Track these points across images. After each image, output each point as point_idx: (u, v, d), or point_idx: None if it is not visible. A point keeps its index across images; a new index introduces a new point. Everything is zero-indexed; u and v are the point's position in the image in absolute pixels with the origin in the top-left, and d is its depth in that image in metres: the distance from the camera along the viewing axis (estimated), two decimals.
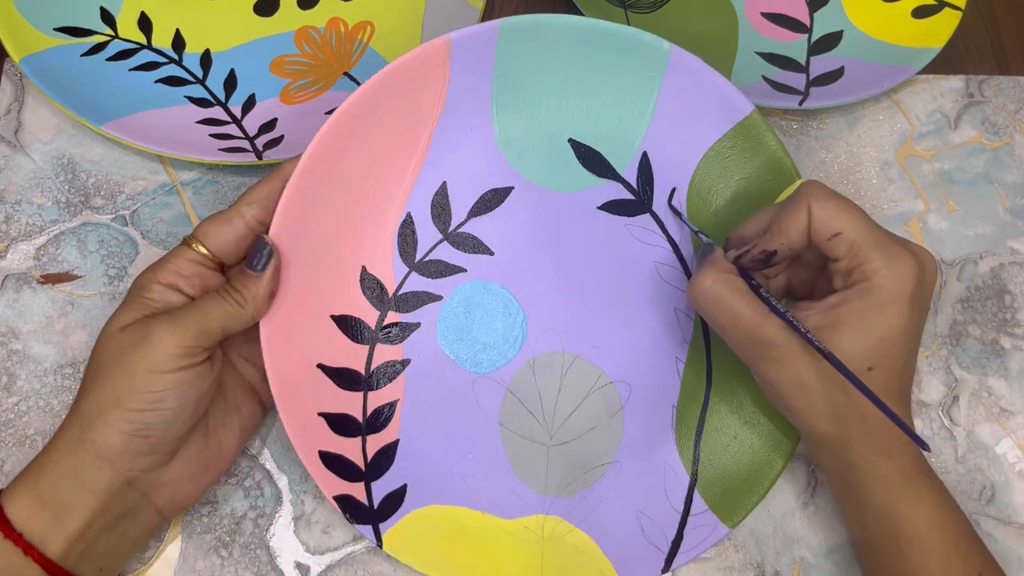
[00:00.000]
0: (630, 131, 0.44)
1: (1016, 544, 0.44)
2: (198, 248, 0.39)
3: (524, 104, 0.44)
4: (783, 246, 0.37)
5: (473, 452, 0.43)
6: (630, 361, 0.44)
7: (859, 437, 0.37)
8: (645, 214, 0.45)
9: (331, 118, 0.40)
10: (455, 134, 0.44)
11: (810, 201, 0.36)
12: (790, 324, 0.36)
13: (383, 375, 0.43)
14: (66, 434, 0.36)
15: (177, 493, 0.39)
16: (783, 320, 0.36)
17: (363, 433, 0.42)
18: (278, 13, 0.54)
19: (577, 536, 0.42)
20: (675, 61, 0.43)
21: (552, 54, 0.43)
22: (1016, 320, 0.48)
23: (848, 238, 0.36)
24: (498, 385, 0.44)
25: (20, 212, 0.48)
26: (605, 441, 0.44)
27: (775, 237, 0.37)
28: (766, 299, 0.37)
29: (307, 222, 0.41)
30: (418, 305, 0.44)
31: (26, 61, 0.48)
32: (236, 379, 0.42)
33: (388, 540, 0.41)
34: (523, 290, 0.45)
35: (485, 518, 0.42)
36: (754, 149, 0.43)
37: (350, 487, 0.41)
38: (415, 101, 0.42)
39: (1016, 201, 0.51)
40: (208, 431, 0.40)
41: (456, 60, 0.42)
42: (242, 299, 0.38)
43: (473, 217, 0.45)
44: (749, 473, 0.42)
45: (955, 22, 0.52)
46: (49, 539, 0.35)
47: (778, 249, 0.37)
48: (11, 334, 0.46)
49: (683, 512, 0.42)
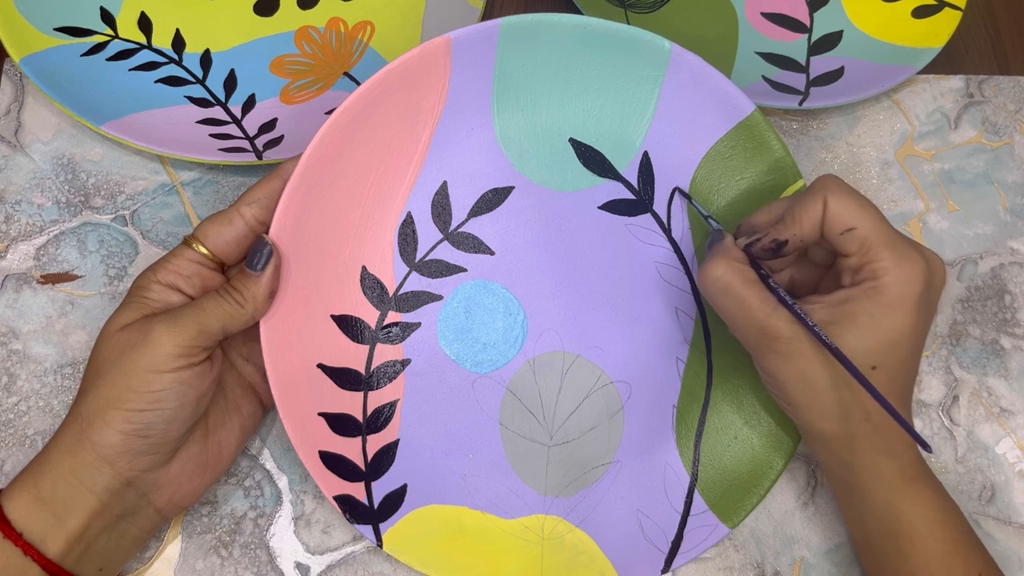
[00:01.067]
0: (631, 130, 0.44)
1: (1016, 544, 0.44)
2: (198, 248, 0.39)
3: (525, 104, 0.44)
4: (795, 236, 0.37)
5: (473, 452, 0.43)
6: (630, 361, 0.44)
7: (861, 436, 0.37)
8: (646, 214, 0.45)
9: (331, 117, 0.40)
10: (456, 133, 0.44)
11: (826, 194, 0.36)
12: (798, 316, 0.36)
13: (383, 375, 0.43)
14: (66, 434, 0.36)
15: (177, 493, 0.39)
16: (791, 312, 0.36)
17: (363, 433, 0.42)
18: (278, 13, 0.54)
19: (577, 536, 0.42)
20: (676, 60, 0.42)
21: (553, 53, 0.43)
22: (1016, 320, 0.48)
23: (861, 234, 0.36)
24: (498, 385, 0.44)
25: (20, 212, 0.48)
26: (605, 441, 0.44)
27: (788, 227, 0.37)
28: (774, 289, 0.37)
29: (307, 221, 0.41)
30: (418, 305, 0.44)
31: (26, 61, 0.48)
32: (236, 379, 0.42)
33: (388, 540, 0.41)
34: (523, 290, 0.45)
35: (485, 518, 0.42)
36: (756, 149, 0.43)
37: (350, 487, 0.41)
38: (416, 100, 0.42)
39: (1016, 201, 0.51)
40: (208, 431, 0.40)
41: (457, 59, 0.42)
42: (242, 299, 0.38)
43: (473, 217, 0.45)
44: (750, 473, 0.42)
45: (955, 22, 0.52)
46: (49, 539, 0.35)
47: (790, 239, 0.37)
48: (11, 334, 0.46)
49: (683, 512, 0.42)
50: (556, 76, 0.44)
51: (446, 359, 0.44)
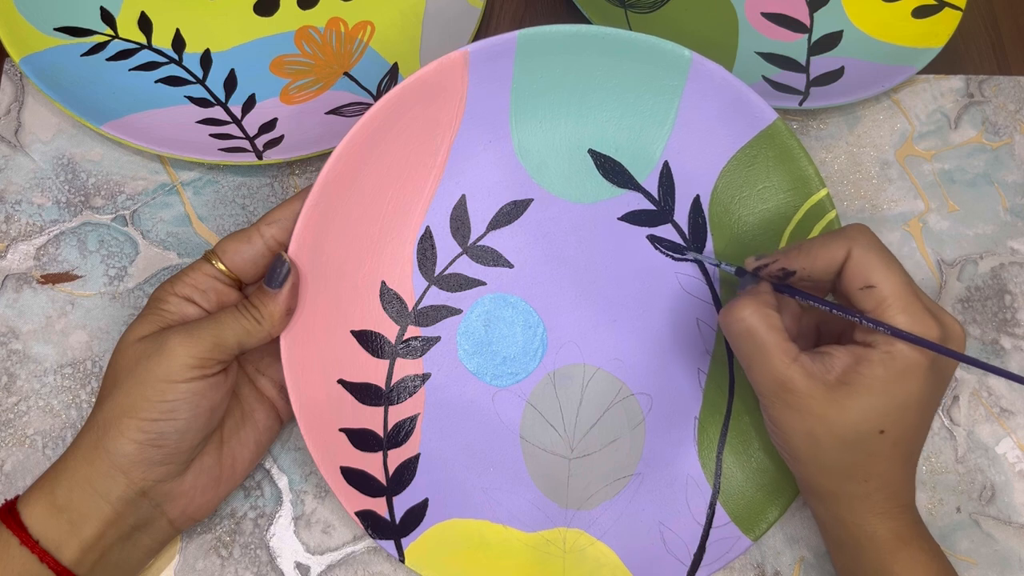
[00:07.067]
0: (651, 141, 0.44)
1: (1016, 544, 0.44)
2: (216, 264, 0.39)
3: (543, 115, 0.44)
4: (803, 270, 0.37)
5: (494, 465, 0.43)
6: (652, 373, 0.44)
7: (859, 496, 0.36)
8: (667, 224, 0.44)
9: (349, 134, 0.40)
10: (474, 147, 0.44)
11: (852, 245, 0.35)
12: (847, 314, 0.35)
13: (404, 389, 0.43)
14: (83, 442, 0.37)
15: (190, 505, 0.39)
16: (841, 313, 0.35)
17: (384, 448, 0.42)
18: (278, 13, 0.54)
19: (599, 549, 0.42)
20: (696, 69, 0.42)
21: (571, 64, 0.42)
22: (1016, 320, 0.48)
23: (880, 294, 0.35)
24: (519, 398, 0.44)
25: (20, 212, 0.48)
26: (626, 453, 0.43)
27: (799, 259, 0.37)
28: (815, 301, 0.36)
29: (326, 238, 0.41)
30: (438, 319, 0.44)
31: (26, 61, 0.48)
32: (253, 393, 0.42)
33: (410, 555, 0.41)
34: (543, 302, 0.44)
35: (507, 531, 0.42)
36: (778, 158, 0.43)
37: (372, 502, 0.41)
38: (433, 114, 0.42)
39: (1016, 201, 0.51)
40: (223, 443, 0.40)
41: (474, 72, 0.42)
42: (259, 315, 0.38)
43: (492, 230, 0.44)
44: (772, 485, 0.42)
45: (955, 22, 0.52)
46: (64, 547, 0.35)
47: (798, 271, 0.37)
48: (11, 334, 0.46)
49: (705, 524, 0.42)
50: (574, 87, 0.43)
51: (466, 373, 0.44)
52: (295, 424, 0.44)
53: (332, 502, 0.44)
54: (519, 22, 0.55)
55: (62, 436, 0.44)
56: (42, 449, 0.44)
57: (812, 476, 0.37)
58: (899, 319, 0.34)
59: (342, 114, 0.50)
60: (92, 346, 0.46)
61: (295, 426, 0.45)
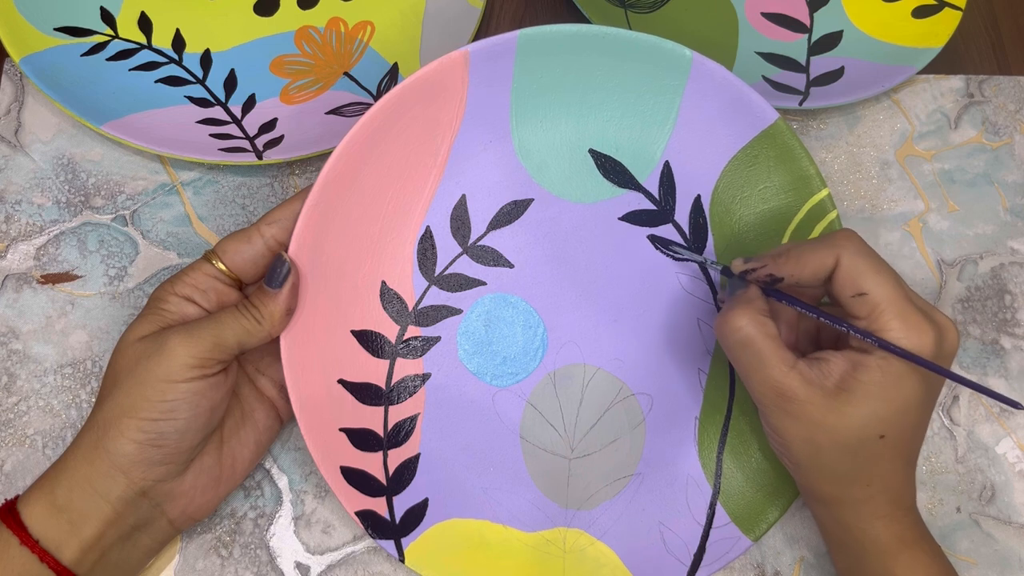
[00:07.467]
0: (652, 140, 0.44)
1: (1016, 544, 0.44)
2: (216, 263, 0.39)
3: (544, 115, 0.44)
4: (791, 277, 0.36)
5: (494, 465, 0.43)
6: (652, 373, 0.44)
7: (860, 501, 0.37)
8: (667, 224, 0.44)
9: (349, 133, 0.40)
10: (474, 147, 0.43)
11: (841, 252, 0.35)
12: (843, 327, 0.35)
13: (404, 389, 0.43)
14: (83, 442, 0.37)
15: (190, 505, 0.39)
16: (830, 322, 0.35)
17: (384, 448, 0.42)
18: (278, 13, 0.54)
19: (599, 549, 0.42)
20: (697, 69, 0.42)
21: (572, 64, 0.42)
22: (1016, 320, 0.48)
23: (872, 300, 0.35)
24: (519, 398, 0.44)
25: (20, 212, 0.48)
26: (627, 453, 0.43)
27: (787, 266, 0.36)
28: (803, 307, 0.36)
29: (326, 238, 0.41)
30: (438, 319, 0.44)
31: (26, 61, 0.48)
32: (253, 393, 0.42)
33: (410, 555, 0.41)
34: (543, 302, 0.44)
35: (507, 531, 0.42)
36: (779, 158, 0.43)
37: (372, 502, 0.41)
38: (433, 114, 0.42)
39: (1016, 201, 0.51)
40: (223, 443, 0.40)
41: (475, 72, 0.42)
42: (259, 315, 0.38)
43: (492, 230, 0.44)
44: (772, 485, 0.42)
45: (955, 22, 0.52)
46: (64, 546, 0.35)
47: (786, 278, 0.36)
48: (11, 334, 0.46)
49: (705, 525, 0.42)
50: (575, 87, 0.43)
51: (466, 373, 0.44)
52: (295, 424, 0.44)
53: (332, 502, 0.44)
54: (519, 22, 0.55)
55: (62, 436, 0.44)
56: (42, 449, 0.44)
57: (814, 482, 0.37)
58: (893, 325, 0.34)
59: (342, 114, 0.50)
60: (92, 346, 0.46)
61: (295, 426, 0.45)
